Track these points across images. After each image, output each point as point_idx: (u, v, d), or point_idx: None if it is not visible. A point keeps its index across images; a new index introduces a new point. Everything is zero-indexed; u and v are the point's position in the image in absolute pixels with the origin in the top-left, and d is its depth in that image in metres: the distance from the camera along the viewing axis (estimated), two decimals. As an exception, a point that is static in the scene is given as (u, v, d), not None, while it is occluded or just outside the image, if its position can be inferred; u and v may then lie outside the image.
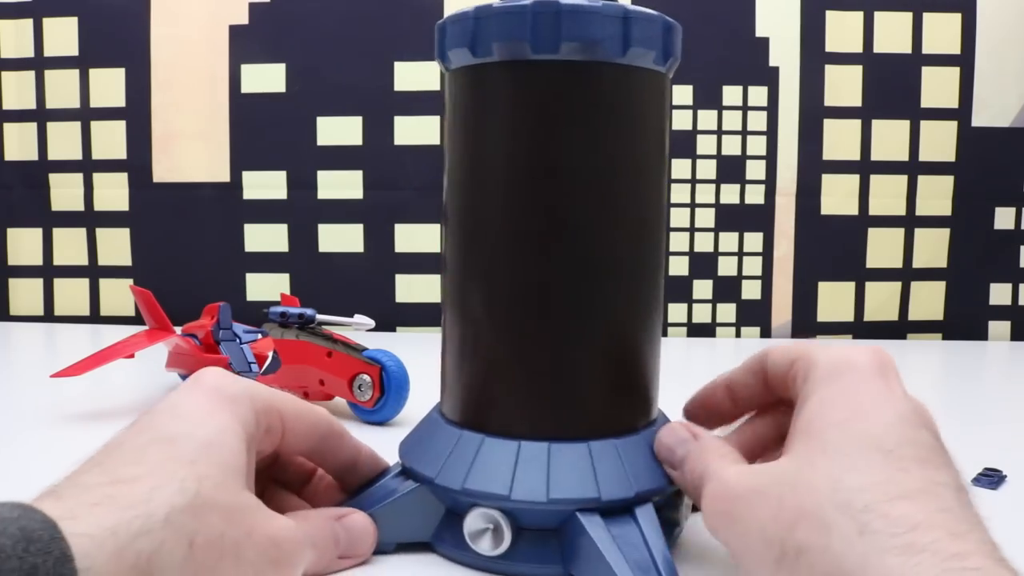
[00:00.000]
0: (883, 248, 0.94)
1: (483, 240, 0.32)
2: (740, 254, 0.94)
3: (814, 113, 0.92)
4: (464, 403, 0.33)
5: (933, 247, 0.94)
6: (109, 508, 0.22)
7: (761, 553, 0.24)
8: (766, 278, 0.94)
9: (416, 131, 0.91)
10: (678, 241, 0.94)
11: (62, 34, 0.94)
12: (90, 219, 0.96)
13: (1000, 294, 0.95)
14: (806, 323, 0.94)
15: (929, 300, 0.94)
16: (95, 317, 0.97)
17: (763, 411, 0.33)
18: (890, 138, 0.92)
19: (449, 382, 0.34)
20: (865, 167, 0.93)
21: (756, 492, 0.25)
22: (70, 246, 0.97)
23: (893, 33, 0.91)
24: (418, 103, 0.91)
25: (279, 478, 0.34)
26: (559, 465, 0.30)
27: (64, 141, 0.95)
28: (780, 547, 0.23)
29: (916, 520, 0.22)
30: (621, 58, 0.30)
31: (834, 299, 0.94)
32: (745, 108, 0.92)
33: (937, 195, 0.93)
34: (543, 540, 0.30)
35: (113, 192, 0.95)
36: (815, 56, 0.91)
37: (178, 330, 0.59)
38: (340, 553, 0.30)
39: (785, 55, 0.92)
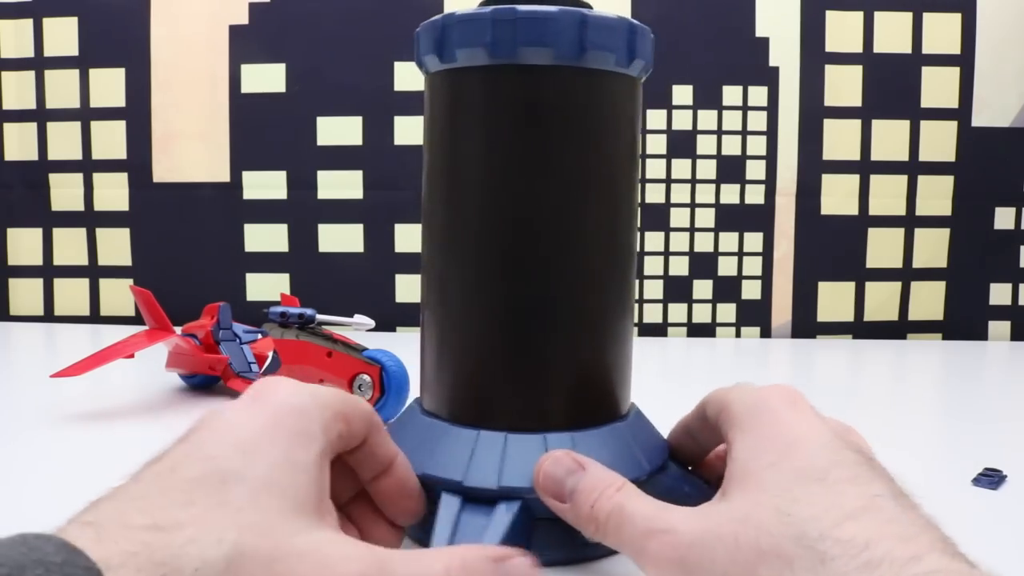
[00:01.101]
0: (883, 248, 0.94)
1: (453, 241, 0.33)
2: (740, 254, 0.94)
3: (814, 113, 0.92)
4: (433, 394, 0.35)
5: (933, 247, 0.94)
6: (143, 561, 0.20)
7: None
8: (766, 278, 0.94)
9: (416, 131, 0.91)
10: (678, 241, 0.94)
11: (62, 34, 0.94)
12: (90, 219, 0.96)
13: (1000, 294, 0.95)
14: (806, 323, 0.94)
15: (929, 300, 0.94)
16: (95, 317, 0.97)
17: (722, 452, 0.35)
18: (890, 138, 0.92)
19: (423, 374, 0.36)
20: (865, 167, 0.93)
21: (709, 535, 0.25)
22: (70, 246, 0.97)
23: (893, 33, 0.91)
24: (418, 103, 0.90)
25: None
26: (514, 454, 0.31)
27: (64, 141, 0.95)
28: None
29: (866, 537, 0.22)
30: (579, 61, 0.31)
31: (834, 299, 0.94)
32: (745, 108, 0.92)
33: (937, 195, 0.93)
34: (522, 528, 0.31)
35: (113, 192, 0.95)
36: (815, 56, 0.91)
37: (178, 330, 0.59)
38: None
39: (785, 55, 0.92)
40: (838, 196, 0.93)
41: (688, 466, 0.36)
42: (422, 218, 0.36)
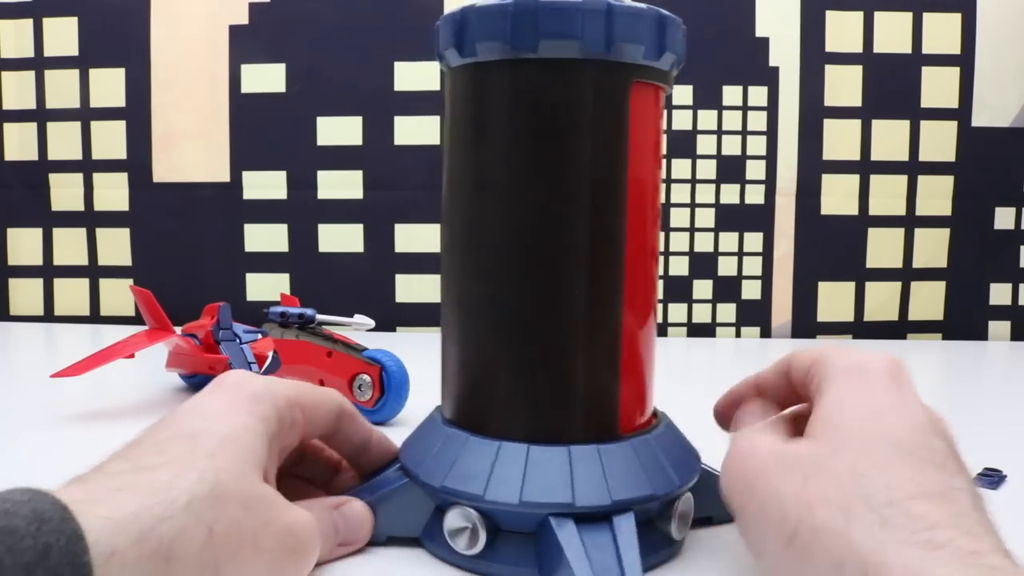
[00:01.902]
0: (883, 248, 0.94)
1: (473, 244, 0.32)
2: (740, 254, 0.94)
3: (814, 113, 0.92)
4: (453, 403, 0.34)
5: (933, 247, 0.94)
6: (131, 493, 0.22)
7: (775, 527, 0.25)
8: (766, 278, 0.94)
9: (416, 131, 0.91)
10: (678, 241, 0.94)
11: (62, 34, 0.94)
12: (90, 219, 0.96)
13: (1000, 294, 0.95)
14: (806, 323, 0.94)
15: (929, 300, 0.94)
16: (95, 317, 0.97)
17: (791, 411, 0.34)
18: (890, 138, 0.92)
19: (444, 381, 0.35)
20: (865, 167, 0.93)
21: (782, 465, 0.26)
22: (70, 246, 0.97)
23: (893, 33, 0.91)
24: (418, 103, 0.91)
25: (305, 474, 0.35)
26: (536, 468, 0.30)
27: (64, 141, 0.95)
28: (795, 524, 0.24)
29: (935, 519, 0.22)
30: (606, 54, 0.30)
31: (834, 299, 0.94)
32: (745, 108, 0.92)
33: (937, 195, 0.93)
34: (521, 543, 0.30)
35: (113, 192, 0.95)
36: (815, 56, 0.91)
37: (178, 330, 0.59)
38: (339, 540, 0.31)
39: (785, 55, 0.92)
40: (838, 196, 0.93)
41: (736, 428, 0.34)
42: (442, 220, 0.34)
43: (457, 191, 0.33)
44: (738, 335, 0.95)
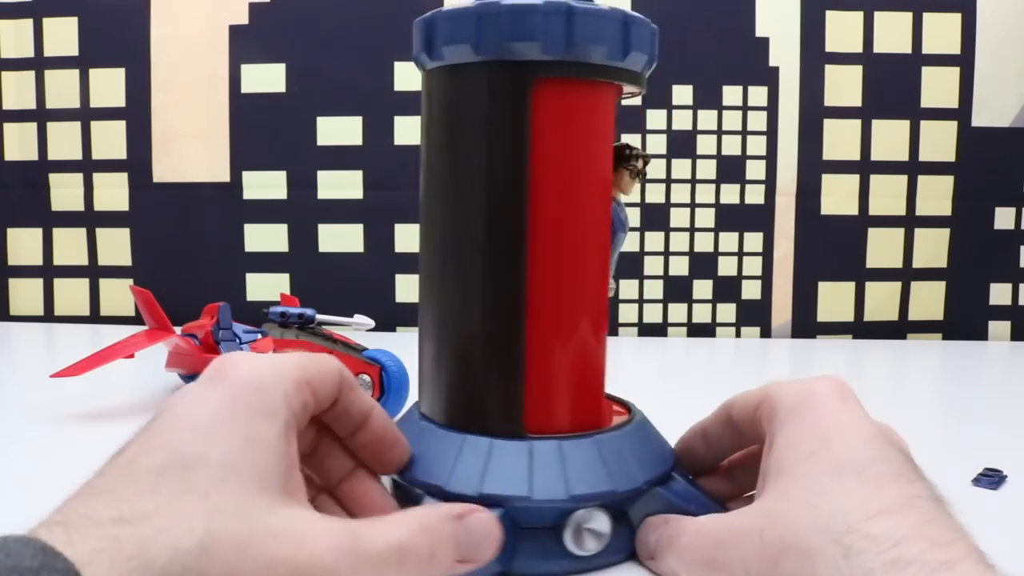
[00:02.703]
0: (883, 248, 0.94)
1: (441, 241, 0.34)
2: (740, 254, 0.94)
3: (814, 113, 0.92)
4: (425, 397, 0.35)
5: (933, 247, 0.94)
6: (113, 557, 0.20)
7: None
8: (766, 278, 0.94)
9: (416, 131, 0.91)
10: (678, 241, 0.94)
11: (62, 34, 0.94)
12: (90, 219, 0.96)
13: (1000, 294, 0.95)
14: (806, 323, 0.94)
15: (929, 300, 0.94)
16: (95, 317, 0.97)
17: (739, 459, 0.34)
18: (890, 138, 0.92)
19: (420, 376, 0.36)
20: (865, 167, 0.93)
21: (735, 534, 0.25)
22: (70, 246, 0.97)
23: (893, 33, 0.91)
24: (418, 103, 0.90)
25: (313, 471, 0.31)
26: (497, 461, 0.31)
27: (64, 141, 0.95)
28: None
29: (900, 534, 0.21)
30: (568, 55, 0.30)
31: (834, 299, 0.94)
32: (745, 108, 0.92)
33: (937, 195, 0.93)
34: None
35: (113, 192, 0.95)
36: (815, 56, 0.91)
37: (178, 330, 0.59)
38: (458, 557, 0.26)
39: (785, 55, 0.92)
40: (838, 196, 0.93)
41: (694, 475, 0.35)
42: (420, 218, 0.36)
43: (427, 188, 0.35)
44: (738, 335, 0.95)
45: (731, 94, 0.92)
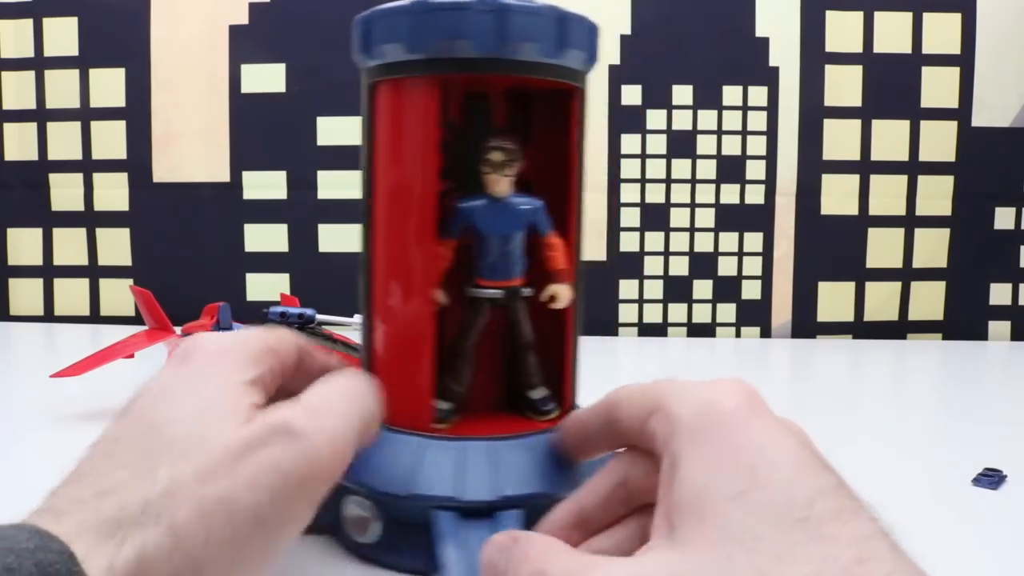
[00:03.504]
0: (883, 248, 0.94)
1: (364, 242, 0.34)
2: (740, 254, 0.94)
3: (814, 113, 0.92)
4: None
5: (933, 247, 0.94)
6: (94, 525, 0.21)
7: None
8: (766, 278, 0.94)
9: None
10: (678, 241, 0.94)
11: (62, 34, 0.94)
12: (90, 219, 0.96)
13: (1000, 294, 0.95)
14: (806, 323, 0.94)
15: (929, 300, 0.94)
16: (95, 317, 0.97)
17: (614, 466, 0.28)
18: (890, 138, 0.92)
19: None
20: (865, 167, 0.93)
21: None
22: (70, 246, 0.97)
23: (893, 33, 0.91)
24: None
25: None
26: (428, 460, 0.31)
27: (64, 141, 0.95)
28: None
29: None
30: (499, 52, 0.30)
31: (834, 299, 0.94)
32: (745, 108, 0.92)
33: (937, 195, 0.93)
34: (415, 534, 0.30)
35: (113, 192, 0.95)
36: (815, 56, 0.91)
37: (178, 330, 0.59)
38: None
39: (785, 55, 0.92)
40: (838, 196, 0.93)
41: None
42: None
43: (363, 189, 0.36)
44: (738, 335, 0.95)
45: (731, 94, 0.92)
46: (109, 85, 0.94)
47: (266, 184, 0.94)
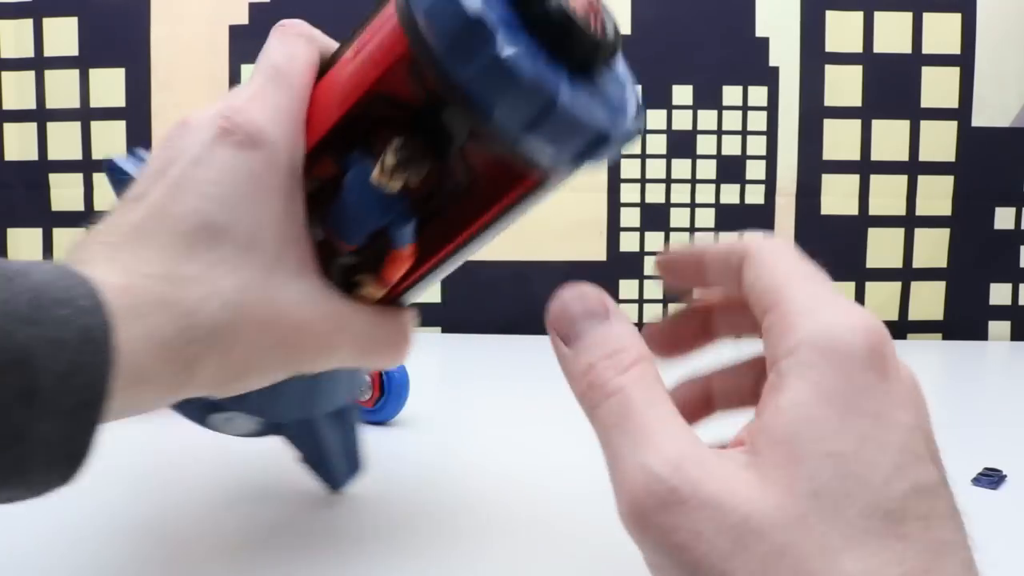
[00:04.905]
0: (883, 248, 0.94)
1: None
2: (740, 254, 0.94)
3: (814, 113, 0.92)
4: None
5: (933, 247, 0.94)
6: (169, 309, 0.23)
7: None
8: (766, 278, 0.94)
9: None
10: (678, 241, 0.94)
11: (62, 34, 0.94)
12: (90, 219, 0.96)
13: (1000, 294, 0.95)
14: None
15: (929, 300, 0.94)
16: (95, 317, 0.97)
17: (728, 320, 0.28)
18: (890, 138, 0.92)
19: None
20: (865, 167, 0.93)
21: (738, 544, 0.18)
22: (70, 246, 0.96)
23: (893, 33, 0.91)
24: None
25: None
26: None
27: (64, 141, 0.95)
28: None
29: None
30: None
31: (834, 299, 0.94)
32: (745, 108, 0.92)
33: (937, 195, 0.93)
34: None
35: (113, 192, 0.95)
36: (815, 56, 0.91)
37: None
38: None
39: (785, 55, 0.92)
40: (838, 196, 0.93)
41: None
42: None
43: None
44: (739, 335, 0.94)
45: (731, 94, 0.92)
46: (109, 85, 0.94)
47: (266, 184, 0.94)
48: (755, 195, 0.93)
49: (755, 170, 0.93)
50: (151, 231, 0.25)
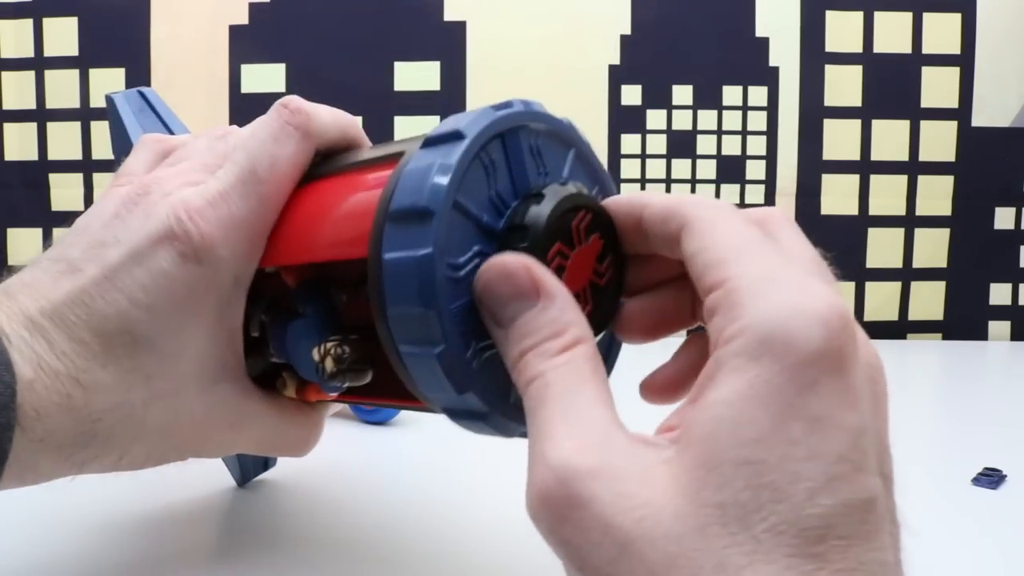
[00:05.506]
0: (883, 248, 0.94)
1: None
2: (740, 254, 0.94)
3: (814, 113, 0.92)
4: None
5: (933, 247, 0.94)
6: (72, 413, 0.23)
7: None
8: (766, 278, 0.94)
9: (416, 131, 0.91)
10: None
11: (62, 34, 0.94)
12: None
13: (1000, 294, 0.95)
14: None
15: (929, 300, 0.94)
16: (95, 317, 0.97)
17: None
18: (890, 138, 0.92)
19: None
20: (865, 167, 0.93)
21: (599, 505, 0.17)
22: (70, 246, 0.97)
23: (893, 33, 0.91)
24: (418, 103, 0.91)
25: None
26: None
27: (64, 141, 0.95)
28: None
29: None
30: None
31: (834, 299, 0.94)
32: (745, 108, 0.92)
33: (937, 195, 0.93)
34: None
35: (113, 192, 0.95)
36: (815, 56, 0.91)
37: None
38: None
39: (785, 55, 0.92)
40: (838, 196, 0.93)
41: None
42: None
43: None
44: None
45: (731, 94, 0.92)
46: (109, 85, 0.94)
47: (266, 184, 0.94)
48: (755, 195, 0.93)
49: (755, 170, 0.93)
50: (74, 323, 0.24)
